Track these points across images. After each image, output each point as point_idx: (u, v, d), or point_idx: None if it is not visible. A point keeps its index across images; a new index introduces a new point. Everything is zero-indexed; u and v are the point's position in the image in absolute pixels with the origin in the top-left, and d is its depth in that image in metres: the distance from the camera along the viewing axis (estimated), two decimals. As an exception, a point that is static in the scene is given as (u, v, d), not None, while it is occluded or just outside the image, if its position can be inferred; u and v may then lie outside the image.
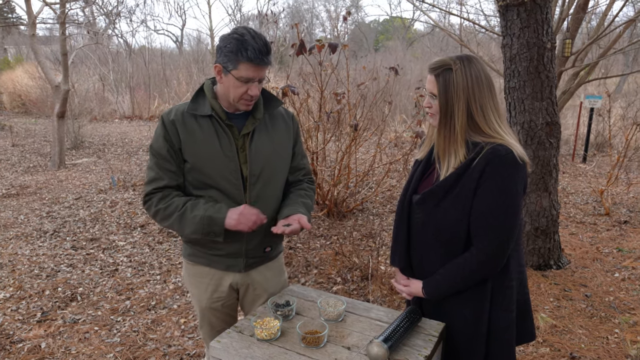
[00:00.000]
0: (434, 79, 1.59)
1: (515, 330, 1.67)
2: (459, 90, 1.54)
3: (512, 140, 1.56)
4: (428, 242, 1.64)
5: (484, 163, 1.51)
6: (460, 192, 1.55)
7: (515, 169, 1.51)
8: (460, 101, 1.54)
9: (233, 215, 1.71)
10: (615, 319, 3.30)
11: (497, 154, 1.51)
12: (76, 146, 10.17)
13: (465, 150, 1.57)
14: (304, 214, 1.81)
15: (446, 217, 1.58)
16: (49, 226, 5.26)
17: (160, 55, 20.38)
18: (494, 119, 1.57)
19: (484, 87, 1.56)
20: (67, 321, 3.35)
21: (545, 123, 3.69)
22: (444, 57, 1.61)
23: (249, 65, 1.63)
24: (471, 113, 1.55)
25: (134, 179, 7.35)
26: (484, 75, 1.57)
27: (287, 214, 1.80)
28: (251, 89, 1.68)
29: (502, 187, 1.50)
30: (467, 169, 1.54)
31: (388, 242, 4.60)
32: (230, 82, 1.67)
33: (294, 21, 27.26)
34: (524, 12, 3.46)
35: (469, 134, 1.57)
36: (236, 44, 1.62)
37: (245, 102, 1.72)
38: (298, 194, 1.93)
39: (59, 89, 8.10)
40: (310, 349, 1.51)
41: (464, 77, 1.53)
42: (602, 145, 9.44)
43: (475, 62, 1.58)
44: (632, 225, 5.16)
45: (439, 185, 1.59)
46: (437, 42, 25.34)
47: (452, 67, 1.55)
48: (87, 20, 11.13)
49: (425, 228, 1.64)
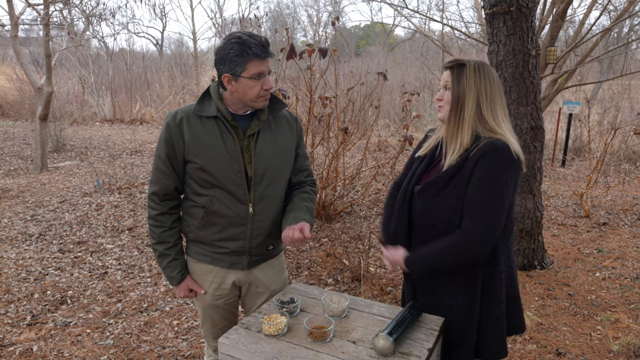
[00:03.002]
0: (449, 72, 1.71)
1: (506, 322, 1.76)
2: (471, 82, 1.65)
3: (513, 138, 1.65)
4: (427, 230, 1.71)
5: (480, 154, 1.60)
6: (457, 183, 1.64)
7: (508, 162, 1.59)
8: (472, 92, 1.65)
9: (179, 290, 1.99)
10: (597, 317, 3.42)
11: (493, 146, 1.59)
12: (58, 149, 10.02)
13: (471, 139, 1.66)
14: (307, 221, 1.86)
15: (444, 206, 1.66)
16: (34, 229, 5.19)
17: (141, 58, 20.18)
18: (500, 117, 1.67)
19: (495, 86, 1.68)
20: (58, 324, 3.33)
21: (530, 127, 3.81)
22: (459, 57, 1.76)
23: (257, 61, 1.70)
24: (480, 108, 1.66)
25: (119, 182, 7.29)
26: (495, 77, 1.69)
27: (292, 221, 1.85)
28: (265, 83, 1.74)
29: (492, 176, 1.58)
30: (465, 160, 1.63)
31: (376, 245, 4.67)
32: (243, 85, 1.73)
33: (276, 26, 27.21)
34: (510, 20, 3.58)
35: (478, 126, 1.66)
36: (238, 47, 1.68)
37: (263, 98, 1.78)
38: (302, 197, 1.99)
39: (41, 90, 7.99)
40: (318, 343, 1.56)
41: (476, 73, 1.66)
42: (579, 150, 9.70)
43: (487, 66, 1.71)
44: (611, 226, 5.33)
45: (439, 176, 1.67)
46: (417, 48, 25.67)
47: (466, 64, 1.68)
48: (68, 23, 10.99)
49: (425, 217, 1.71)
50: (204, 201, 1.85)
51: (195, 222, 1.89)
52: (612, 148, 8.10)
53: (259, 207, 1.86)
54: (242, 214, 1.85)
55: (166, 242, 1.92)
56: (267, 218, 1.90)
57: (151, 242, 1.96)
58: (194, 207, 1.89)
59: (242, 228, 1.87)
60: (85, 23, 12.28)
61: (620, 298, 3.69)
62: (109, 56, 17.80)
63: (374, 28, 36.10)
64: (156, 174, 1.87)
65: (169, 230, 1.92)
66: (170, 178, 1.86)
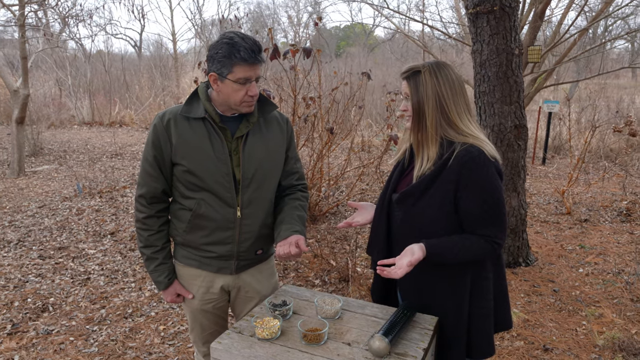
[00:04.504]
0: (406, 82, 1.70)
1: (494, 319, 1.77)
2: (428, 90, 1.64)
3: (483, 136, 1.67)
4: (407, 237, 1.70)
5: (459, 166, 1.60)
6: (435, 193, 1.64)
7: (490, 168, 1.61)
8: (430, 100, 1.64)
9: (166, 294, 1.96)
10: (582, 312, 3.46)
11: (470, 155, 1.60)
12: (35, 153, 9.80)
13: (438, 147, 1.66)
14: (300, 232, 1.83)
15: (423, 216, 1.67)
16: (13, 235, 5.06)
17: (120, 60, 19.89)
18: (466, 117, 1.67)
19: (456, 87, 1.66)
20: (40, 332, 3.25)
21: (513, 126, 3.85)
22: (414, 64, 1.72)
23: (244, 66, 1.65)
24: (446, 112, 1.64)
25: (99, 185, 7.16)
26: (455, 77, 1.67)
27: (284, 235, 1.81)
28: (250, 89, 1.70)
29: (486, 186, 1.61)
30: (442, 171, 1.63)
31: (362, 245, 4.66)
32: (228, 87, 1.68)
33: (256, 27, 27.13)
34: (494, 19, 3.61)
35: (445, 131, 1.66)
36: (227, 48, 1.64)
37: (247, 104, 1.73)
38: (294, 206, 1.94)
39: (17, 93, 7.81)
40: (312, 346, 1.54)
41: (432, 77, 1.64)
42: (559, 148, 9.86)
43: (444, 65, 1.69)
44: (592, 223, 5.42)
45: (414, 186, 1.67)
46: (397, 49, 25.84)
47: (420, 70, 1.66)
48: (44, 24, 10.77)
49: (404, 225, 1.72)
50: (191, 204, 1.81)
51: (182, 226, 1.85)
52: (590, 146, 8.25)
53: (247, 211, 1.83)
54: (230, 218, 1.81)
55: (153, 246, 1.88)
56: (256, 222, 1.87)
57: (138, 245, 1.92)
58: (181, 209, 1.85)
59: (230, 232, 1.83)
60: (62, 24, 12.05)
61: (603, 293, 3.75)
62: (87, 58, 17.49)
63: (354, 29, 36.22)
64: (143, 177, 1.83)
65: (156, 233, 1.88)
66: (157, 181, 1.82)
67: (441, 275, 1.71)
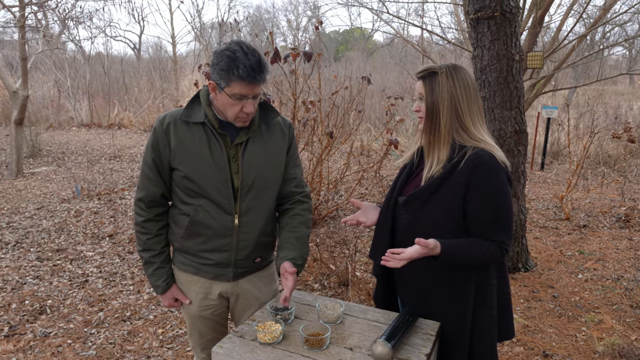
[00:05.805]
0: (421, 82, 1.68)
1: (497, 328, 1.76)
2: (444, 91, 1.62)
3: (493, 141, 1.66)
4: (412, 241, 1.70)
5: (470, 169, 1.59)
6: (444, 195, 1.62)
7: (501, 173, 1.61)
8: (445, 102, 1.63)
9: (164, 299, 1.95)
10: (581, 318, 3.46)
11: (481, 160, 1.59)
12: (34, 154, 9.77)
13: (449, 150, 1.65)
14: (293, 259, 1.77)
15: (430, 218, 1.65)
16: (10, 237, 5.04)
17: (119, 62, 19.86)
18: (478, 122, 1.66)
19: (471, 92, 1.65)
20: (37, 335, 3.23)
21: (514, 131, 3.85)
22: (430, 64, 1.71)
23: (241, 84, 1.60)
24: (459, 114, 1.64)
25: (98, 187, 7.14)
26: (470, 81, 1.66)
27: (279, 264, 1.78)
28: (246, 107, 1.66)
29: (496, 192, 1.60)
30: (451, 174, 1.61)
31: (362, 249, 4.66)
32: (224, 99, 1.66)
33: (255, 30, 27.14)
34: (494, 25, 3.61)
35: (458, 134, 1.65)
36: (227, 62, 1.59)
37: (241, 120, 1.70)
38: (293, 226, 1.88)
39: (16, 94, 7.79)
40: (314, 350, 1.53)
41: (449, 80, 1.63)
42: (557, 154, 9.88)
43: (461, 69, 1.68)
44: (591, 229, 5.43)
45: (422, 189, 1.66)
46: (396, 53, 25.88)
47: (437, 71, 1.65)
48: (44, 26, 10.77)
49: (411, 227, 1.70)
50: (189, 210, 1.79)
51: (180, 231, 1.84)
52: (589, 152, 8.27)
53: (245, 219, 1.80)
54: (228, 225, 1.79)
55: (152, 250, 1.87)
56: (254, 230, 1.84)
57: (137, 248, 1.91)
58: (179, 215, 1.83)
59: (228, 240, 1.81)
60: (61, 26, 12.05)
61: (602, 299, 3.75)
62: (86, 60, 17.48)
63: (353, 33, 36.31)
64: (143, 180, 1.82)
65: (155, 237, 1.87)
66: (156, 184, 1.80)
67: (442, 281, 1.70)
